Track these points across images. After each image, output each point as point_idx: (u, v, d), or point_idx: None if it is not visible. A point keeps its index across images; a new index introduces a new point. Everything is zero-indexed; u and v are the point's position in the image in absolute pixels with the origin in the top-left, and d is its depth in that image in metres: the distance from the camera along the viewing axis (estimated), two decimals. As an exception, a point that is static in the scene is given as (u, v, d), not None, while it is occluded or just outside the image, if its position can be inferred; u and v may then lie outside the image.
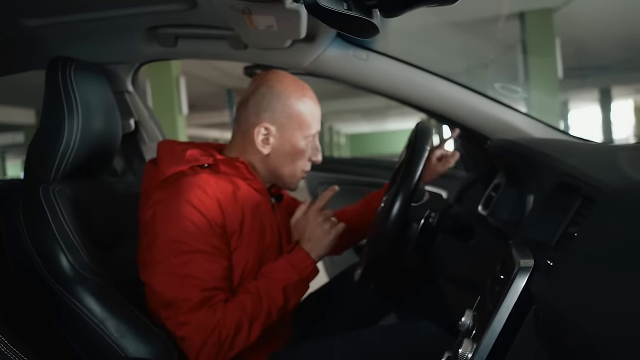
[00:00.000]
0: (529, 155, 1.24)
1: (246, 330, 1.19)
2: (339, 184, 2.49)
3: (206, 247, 1.19)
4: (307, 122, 1.37)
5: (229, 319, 1.17)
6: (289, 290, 1.27)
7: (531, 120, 1.58)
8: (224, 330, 1.16)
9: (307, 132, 1.38)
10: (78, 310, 1.17)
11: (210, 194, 1.23)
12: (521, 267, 0.87)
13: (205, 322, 1.16)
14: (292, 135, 1.36)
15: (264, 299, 1.23)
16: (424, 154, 1.20)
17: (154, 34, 1.52)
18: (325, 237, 1.35)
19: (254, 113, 1.36)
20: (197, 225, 1.19)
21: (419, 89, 1.60)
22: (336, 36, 1.53)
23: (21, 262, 1.20)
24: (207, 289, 1.17)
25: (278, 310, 1.25)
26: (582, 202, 0.84)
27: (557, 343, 0.79)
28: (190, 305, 1.16)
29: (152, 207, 1.25)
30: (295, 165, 1.39)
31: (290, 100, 1.35)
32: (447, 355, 1.00)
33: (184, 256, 1.18)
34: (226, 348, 1.17)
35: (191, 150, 1.32)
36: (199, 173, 1.27)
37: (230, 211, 1.26)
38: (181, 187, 1.23)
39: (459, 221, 1.28)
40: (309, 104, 1.38)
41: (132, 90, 1.76)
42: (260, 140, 1.35)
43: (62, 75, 1.29)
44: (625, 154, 0.96)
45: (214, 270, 1.19)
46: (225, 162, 1.33)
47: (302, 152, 1.39)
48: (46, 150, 1.29)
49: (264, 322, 1.23)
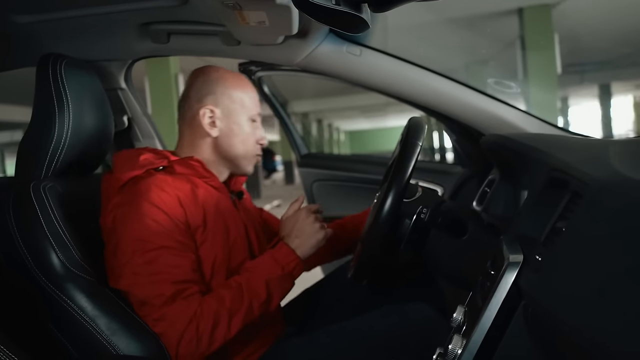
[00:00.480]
0: (520, 150, 1.23)
1: (225, 323, 1.17)
2: (334, 180, 2.51)
3: (170, 242, 1.19)
4: (248, 103, 1.43)
5: (206, 311, 1.16)
6: (272, 284, 1.26)
7: (525, 116, 1.58)
8: (201, 322, 1.14)
9: (250, 113, 1.43)
10: (69, 308, 1.17)
11: (169, 191, 1.24)
12: (510, 262, 0.86)
13: (180, 315, 1.14)
14: (237, 116, 1.41)
15: (245, 292, 1.22)
16: (416, 149, 1.20)
17: (146, 31, 1.51)
18: (314, 235, 1.35)
19: (196, 100, 1.41)
20: (158, 222, 1.19)
21: (413, 84, 1.59)
22: (329, 32, 1.53)
23: (12, 259, 1.19)
24: (178, 282, 1.16)
25: (260, 305, 1.24)
26: (570, 197, 0.83)
27: (545, 339, 0.78)
28: (163, 300, 1.15)
29: (111, 212, 1.25)
30: (245, 146, 1.43)
31: (228, 83, 1.42)
32: (439, 351, 1.00)
33: (149, 254, 1.17)
34: (205, 341, 1.15)
35: (145, 155, 1.33)
36: (154, 175, 1.28)
37: (191, 207, 1.26)
38: (139, 189, 1.24)
39: (450, 217, 1.28)
40: (247, 87, 1.45)
41: (125, 87, 1.76)
42: (207, 123, 1.39)
43: (52, 72, 1.29)
44: (617, 149, 0.96)
45: (181, 264, 1.19)
46: (179, 163, 1.34)
47: (249, 133, 1.43)
48: (37, 147, 1.29)
49: (245, 317, 1.21)
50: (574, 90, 17.52)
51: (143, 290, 1.16)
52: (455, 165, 2.29)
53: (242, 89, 1.43)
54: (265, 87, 2.63)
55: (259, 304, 1.23)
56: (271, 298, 1.26)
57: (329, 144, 28.54)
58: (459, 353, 0.90)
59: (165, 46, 1.57)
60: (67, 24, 1.43)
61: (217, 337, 1.17)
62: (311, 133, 22.39)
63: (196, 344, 1.15)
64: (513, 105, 1.58)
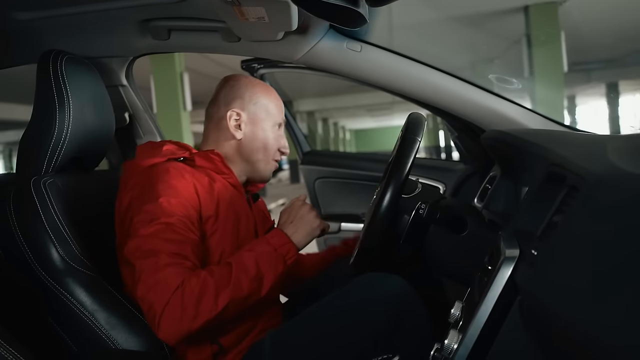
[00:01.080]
0: (519, 145, 1.23)
1: (212, 295, 1.13)
2: (337, 177, 2.51)
3: (177, 221, 1.19)
4: (273, 110, 1.47)
5: (193, 281, 1.13)
6: (261, 262, 1.24)
7: (527, 112, 1.57)
8: (187, 289, 1.11)
9: (275, 121, 1.47)
10: (68, 302, 1.18)
11: (187, 178, 1.27)
12: (506, 257, 0.86)
13: (169, 280, 1.11)
14: (262, 122, 1.45)
15: (234, 267, 1.20)
16: (415, 145, 1.19)
17: (147, 27, 1.51)
18: (309, 223, 1.36)
19: (224, 103, 1.46)
20: (170, 203, 1.20)
21: (414, 80, 1.59)
22: (329, 28, 1.52)
23: (12, 254, 1.20)
24: (174, 254, 1.15)
25: (250, 282, 1.20)
26: (567, 191, 0.83)
27: (541, 333, 0.78)
28: (155, 267, 1.13)
29: (129, 192, 1.27)
30: (267, 152, 1.46)
31: (256, 89, 1.47)
32: (436, 346, 1.00)
33: (154, 227, 1.17)
34: (189, 312, 1.11)
35: (167, 146, 1.37)
36: (175, 163, 1.31)
37: (206, 197, 1.29)
38: (157, 171, 1.27)
39: (449, 213, 1.27)
40: (273, 95, 1.49)
41: (126, 83, 1.76)
42: (233, 125, 1.43)
43: (53, 69, 1.29)
44: (617, 144, 0.95)
45: (182, 241, 1.18)
46: (200, 155, 1.38)
47: (272, 139, 1.46)
48: (38, 143, 1.29)
49: (233, 291, 1.17)
50: (581, 89, 17.42)
51: (141, 262, 1.15)
52: (457, 163, 2.28)
53: (269, 96, 1.48)
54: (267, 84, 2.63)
55: (248, 280, 1.20)
56: (261, 277, 1.23)
57: (334, 143, 28.54)
58: (455, 348, 0.90)
59: (166, 43, 1.57)
60: (67, 20, 1.43)
61: (202, 309, 1.12)
62: (317, 132, 22.40)
63: (180, 313, 1.10)
64: (514, 102, 1.57)
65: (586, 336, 0.61)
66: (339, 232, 2.48)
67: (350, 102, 17.62)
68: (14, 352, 0.95)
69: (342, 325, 1.21)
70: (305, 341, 1.23)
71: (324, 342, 1.20)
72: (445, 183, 2.19)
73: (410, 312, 1.20)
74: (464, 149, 2.11)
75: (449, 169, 2.25)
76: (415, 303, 1.22)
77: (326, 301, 1.27)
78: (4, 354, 0.93)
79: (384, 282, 1.24)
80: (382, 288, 1.23)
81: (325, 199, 2.51)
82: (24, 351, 0.96)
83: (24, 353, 0.96)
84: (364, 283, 1.26)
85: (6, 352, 0.94)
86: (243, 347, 1.32)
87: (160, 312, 1.09)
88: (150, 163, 1.31)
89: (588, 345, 0.61)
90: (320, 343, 1.21)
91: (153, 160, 1.32)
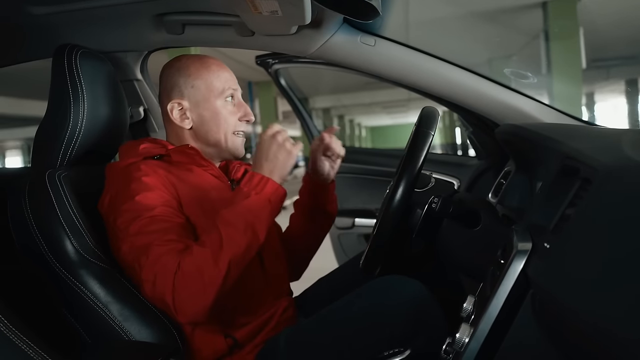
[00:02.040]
0: (534, 139, 1.22)
1: (210, 263, 1.12)
2: (351, 173, 2.50)
3: (159, 212, 1.19)
4: (216, 84, 1.38)
5: (188, 258, 1.12)
6: (245, 211, 1.18)
7: (541, 106, 1.55)
8: (185, 268, 1.10)
9: (221, 94, 1.39)
10: (82, 294, 1.19)
11: (160, 173, 1.26)
12: (518, 250, 0.86)
13: (167, 268, 1.11)
14: (206, 101, 1.38)
15: (222, 227, 1.16)
16: (428, 138, 1.19)
17: (161, 22, 1.52)
18: (280, 152, 1.24)
19: (165, 96, 1.41)
20: (147, 197, 1.20)
21: (428, 75, 1.58)
22: (343, 22, 1.52)
23: (27, 246, 1.21)
24: (165, 241, 1.15)
25: (242, 235, 1.16)
26: (581, 184, 0.82)
27: (552, 327, 0.77)
28: (151, 261, 1.13)
29: (107, 194, 1.27)
30: (224, 128, 1.39)
31: (190, 71, 1.38)
32: (448, 340, 0.99)
33: (140, 222, 1.17)
34: (196, 288, 1.11)
35: (144, 145, 1.35)
36: (149, 161, 1.30)
37: (185, 190, 1.27)
38: (131, 170, 1.26)
39: (462, 207, 1.26)
40: (211, 68, 1.40)
41: (141, 78, 1.77)
42: (177, 117, 1.38)
43: (67, 63, 1.30)
44: (632, 137, 0.94)
45: (170, 227, 1.18)
46: (176, 151, 1.36)
47: (224, 114, 1.39)
48: (52, 137, 1.30)
49: (229, 251, 1.14)
50: (600, 85, 17.21)
51: (137, 262, 1.15)
52: (472, 158, 2.27)
53: (206, 72, 1.38)
54: (282, 79, 2.63)
55: (239, 234, 1.16)
56: (252, 225, 1.17)
57: (350, 140, 28.52)
58: (466, 342, 0.90)
59: (180, 37, 1.58)
60: (82, 15, 1.44)
61: (207, 280, 1.11)
62: (332, 129, 22.35)
63: (188, 292, 1.10)
64: (529, 96, 1.56)
65: (599, 329, 0.60)
66: (353, 228, 2.48)
67: (366, 98, 17.58)
68: (29, 342, 0.95)
69: (358, 327, 1.21)
70: (321, 341, 1.23)
71: (339, 343, 1.21)
72: (460, 178, 2.17)
73: (427, 316, 1.19)
74: (478, 144, 2.09)
75: (463, 164, 2.24)
76: (433, 307, 1.20)
77: (343, 302, 1.27)
78: (19, 343, 0.94)
79: (402, 286, 1.24)
80: (400, 292, 1.23)
81: (339, 194, 2.50)
82: (38, 341, 0.97)
83: (39, 343, 0.97)
84: (382, 287, 1.26)
85: (21, 342, 0.95)
86: (258, 342, 1.32)
87: (171, 301, 1.10)
88: (125, 163, 1.30)
89: (601, 338, 0.60)
90: (335, 344, 1.21)
91: (129, 161, 1.31)
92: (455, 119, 14.29)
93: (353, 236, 2.53)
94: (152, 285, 1.12)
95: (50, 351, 0.96)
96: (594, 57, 9.92)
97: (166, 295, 1.11)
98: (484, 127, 1.81)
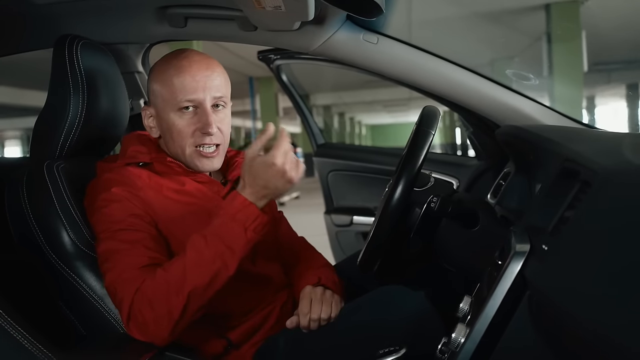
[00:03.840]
0: (534, 141, 1.21)
1: (164, 295, 1.05)
2: (350, 170, 2.50)
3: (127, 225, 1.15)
4: (169, 94, 1.23)
5: (148, 282, 1.07)
6: (217, 238, 1.08)
7: (542, 108, 1.55)
8: (140, 295, 1.06)
9: (175, 104, 1.23)
10: (78, 286, 1.19)
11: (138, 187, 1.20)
12: (516, 251, 0.85)
13: (125, 293, 1.07)
14: (163, 111, 1.26)
15: (188, 254, 1.08)
16: (428, 137, 1.18)
17: (164, 14, 1.52)
18: (287, 184, 1.11)
19: None
20: (113, 209, 1.16)
21: (430, 74, 1.57)
22: (346, 19, 1.52)
23: (24, 236, 1.21)
24: (130, 259, 1.11)
25: (209, 264, 1.07)
26: (580, 186, 0.82)
27: (549, 330, 0.77)
28: (115, 281, 1.10)
29: (85, 198, 1.25)
30: (179, 141, 1.25)
31: (152, 76, 1.28)
32: (444, 340, 0.99)
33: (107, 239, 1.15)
34: (149, 318, 1.06)
35: (134, 147, 1.29)
36: (128, 171, 1.24)
37: (162, 206, 1.21)
38: (106, 179, 1.22)
39: (461, 207, 1.26)
40: (171, 73, 1.23)
41: (142, 70, 1.77)
42: (148, 125, 1.31)
43: (68, 53, 1.30)
44: (631, 141, 0.94)
45: (137, 240, 1.13)
46: (158, 161, 1.28)
47: (178, 127, 1.24)
48: (52, 127, 1.30)
49: (190, 283, 1.06)
50: (601, 89, 17.21)
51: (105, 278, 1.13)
52: (471, 158, 2.27)
53: (162, 80, 1.25)
54: (284, 75, 2.63)
55: (205, 264, 1.07)
56: (221, 256, 1.08)
57: (350, 138, 28.51)
58: (462, 342, 0.90)
59: (183, 30, 1.57)
60: (84, 5, 1.44)
61: (161, 311, 1.06)
62: (332, 126, 22.38)
63: (141, 320, 1.06)
64: (530, 97, 1.56)
65: (594, 334, 0.60)
66: (351, 225, 2.48)
67: (366, 97, 17.57)
68: (24, 332, 0.95)
69: (358, 338, 1.21)
70: (320, 347, 1.23)
71: (338, 351, 1.21)
72: (459, 178, 2.17)
73: (427, 331, 1.19)
74: (478, 144, 2.09)
75: (463, 164, 2.24)
76: (434, 322, 1.20)
77: (346, 310, 1.28)
78: (14, 334, 0.94)
79: (404, 300, 1.25)
80: (401, 307, 1.23)
81: (338, 191, 2.51)
82: (33, 332, 0.97)
83: (34, 334, 0.97)
84: (384, 299, 1.26)
85: (16, 333, 0.95)
86: (257, 340, 1.31)
87: (126, 325, 1.08)
88: (108, 167, 1.26)
89: (596, 343, 0.60)
90: (334, 352, 1.22)
91: (111, 165, 1.27)
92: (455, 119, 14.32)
93: (351, 234, 2.53)
94: (114, 297, 1.11)
95: (45, 342, 0.96)
96: (595, 61, 9.93)
97: (124, 318, 1.08)
98: (484, 128, 1.81)
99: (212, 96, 1.24)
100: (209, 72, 1.25)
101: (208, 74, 1.25)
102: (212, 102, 1.25)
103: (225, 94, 1.29)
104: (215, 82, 1.26)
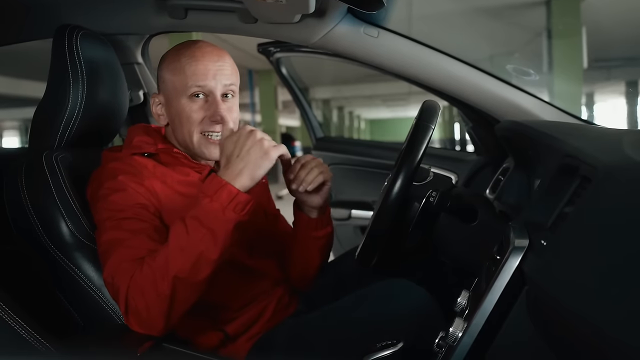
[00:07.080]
0: (534, 137, 1.21)
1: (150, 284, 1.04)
2: (349, 164, 2.50)
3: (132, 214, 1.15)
4: (180, 80, 1.25)
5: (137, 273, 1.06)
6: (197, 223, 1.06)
7: (542, 104, 1.55)
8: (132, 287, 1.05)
9: (186, 90, 1.25)
10: (76, 276, 1.19)
11: (140, 174, 1.21)
12: (515, 246, 0.86)
13: (121, 283, 1.07)
14: (173, 98, 1.27)
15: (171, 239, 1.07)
16: (428, 132, 1.18)
17: (164, 5, 1.51)
18: (265, 156, 1.09)
19: None
20: (116, 198, 1.16)
21: (430, 68, 1.57)
22: (347, 12, 1.51)
23: (22, 227, 1.21)
24: (128, 249, 1.10)
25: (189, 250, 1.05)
26: (580, 182, 0.82)
27: (546, 325, 0.77)
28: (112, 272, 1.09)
29: (89, 186, 1.25)
30: (189, 127, 1.26)
31: (164, 64, 1.30)
32: (441, 334, 0.99)
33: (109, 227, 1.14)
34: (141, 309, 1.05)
35: (139, 137, 1.30)
36: (134, 160, 1.25)
37: (167, 197, 1.22)
38: (112, 168, 1.22)
39: (460, 201, 1.26)
40: (183, 61, 1.25)
41: (141, 62, 1.76)
42: (156, 113, 1.33)
43: (68, 43, 1.30)
44: (632, 137, 0.94)
45: (139, 230, 1.14)
46: (163, 152, 1.30)
47: (188, 112, 1.25)
48: (51, 117, 1.30)
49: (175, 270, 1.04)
50: (601, 86, 17.19)
51: (104, 266, 1.12)
52: (470, 153, 2.27)
53: (173, 67, 1.27)
54: (283, 68, 2.63)
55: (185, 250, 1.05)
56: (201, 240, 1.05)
57: (349, 132, 28.48)
58: (459, 336, 0.90)
59: (183, 22, 1.57)
60: None
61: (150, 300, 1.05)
62: (331, 120, 22.36)
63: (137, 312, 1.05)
64: (530, 93, 1.56)
65: (592, 329, 0.60)
66: (349, 219, 2.48)
67: (366, 91, 17.53)
68: (22, 322, 0.96)
69: (357, 333, 1.22)
70: (321, 340, 1.24)
71: (337, 345, 1.22)
72: (458, 173, 2.17)
73: (428, 324, 1.20)
74: (477, 139, 2.09)
75: (462, 159, 2.24)
76: (436, 318, 1.21)
77: (346, 304, 1.29)
78: (13, 325, 0.95)
79: (406, 295, 1.25)
80: (403, 303, 1.24)
81: (336, 185, 2.51)
82: (31, 322, 0.98)
83: (31, 324, 0.97)
84: (386, 294, 1.27)
85: (14, 322, 0.95)
86: (254, 333, 1.31)
87: (125, 316, 1.08)
88: (113, 157, 1.27)
89: (594, 338, 0.60)
90: (335, 345, 1.22)
91: (117, 155, 1.27)
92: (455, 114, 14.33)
93: (349, 228, 2.53)
94: (111, 288, 1.10)
95: (43, 333, 0.97)
96: (595, 57, 9.90)
97: (121, 309, 1.08)
98: (483, 123, 1.81)
99: (222, 84, 1.27)
100: (220, 62, 1.28)
101: (220, 63, 1.27)
102: (222, 91, 1.27)
103: (235, 82, 1.30)
104: (226, 71, 1.28)
